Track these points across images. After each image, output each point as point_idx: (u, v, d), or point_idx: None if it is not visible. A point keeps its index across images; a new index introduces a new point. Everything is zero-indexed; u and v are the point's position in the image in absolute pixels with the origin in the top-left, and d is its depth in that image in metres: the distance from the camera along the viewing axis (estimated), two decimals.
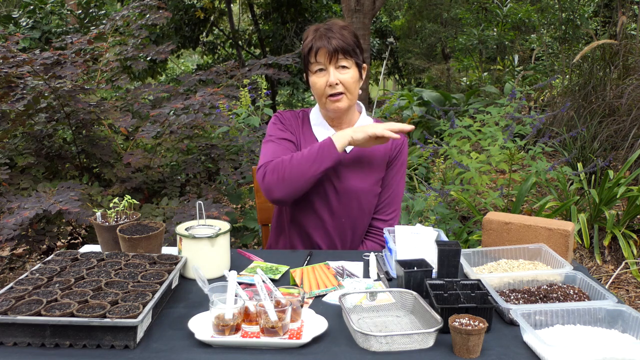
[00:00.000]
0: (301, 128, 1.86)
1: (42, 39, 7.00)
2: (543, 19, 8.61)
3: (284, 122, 1.87)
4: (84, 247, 1.76)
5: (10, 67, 2.67)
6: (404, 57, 13.65)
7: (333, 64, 1.70)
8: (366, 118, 1.89)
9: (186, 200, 2.78)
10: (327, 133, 1.82)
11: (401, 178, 1.91)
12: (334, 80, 1.69)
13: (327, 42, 1.68)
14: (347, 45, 1.69)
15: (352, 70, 1.72)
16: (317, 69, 1.72)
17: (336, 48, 1.67)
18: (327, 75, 1.70)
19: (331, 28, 1.71)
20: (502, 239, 1.66)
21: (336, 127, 1.84)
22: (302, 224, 1.84)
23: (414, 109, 7.10)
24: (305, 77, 1.82)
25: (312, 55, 1.70)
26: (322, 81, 1.72)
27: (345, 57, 1.70)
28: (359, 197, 1.81)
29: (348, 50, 1.70)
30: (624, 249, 3.25)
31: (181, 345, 1.15)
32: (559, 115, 5.14)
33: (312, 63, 1.72)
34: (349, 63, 1.71)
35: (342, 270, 1.56)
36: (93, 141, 3.02)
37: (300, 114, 1.90)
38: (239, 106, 3.55)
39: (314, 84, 1.74)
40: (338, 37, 1.68)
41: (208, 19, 10.38)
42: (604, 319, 1.19)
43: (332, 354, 1.11)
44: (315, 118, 1.87)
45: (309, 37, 1.73)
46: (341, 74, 1.71)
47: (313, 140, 1.83)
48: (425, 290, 1.31)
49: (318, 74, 1.72)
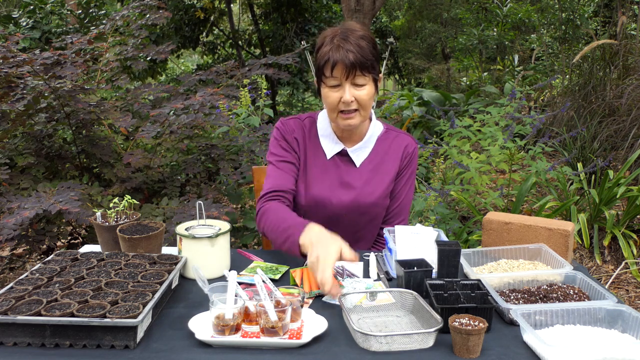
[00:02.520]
0: (307, 138, 1.78)
1: (42, 39, 7.00)
2: (543, 19, 8.61)
3: (287, 135, 1.78)
4: (84, 247, 1.76)
5: (10, 67, 2.67)
6: (404, 57, 13.64)
7: (349, 81, 1.59)
8: (376, 124, 1.81)
9: (186, 200, 2.78)
10: (335, 147, 1.76)
11: (410, 187, 1.85)
12: (349, 99, 1.60)
13: (345, 55, 1.56)
14: (365, 60, 1.58)
15: (369, 86, 1.63)
16: (331, 84, 1.62)
17: (354, 63, 1.56)
18: (342, 91, 1.60)
19: (348, 38, 1.59)
20: (502, 239, 1.66)
21: (345, 139, 1.77)
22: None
23: (414, 109, 7.10)
24: (317, 86, 1.71)
25: (328, 69, 1.59)
26: (336, 96, 1.62)
27: (362, 73, 1.59)
28: (367, 211, 1.77)
29: (366, 65, 1.58)
30: (624, 249, 3.25)
31: (181, 345, 1.15)
32: (559, 115, 5.14)
33: (328, 77, 1.61)
34: (365, 80, 1.61)
35: (342, 270, 1.56)
36: (93, 141, 3.02)
37: (306, 122, 1.81)
38: (239, 106, 3.55)
39: (327, 97, 1.64)
40: (356, 51, 1.57)
41: (208, 19, 10.38)
42: (604, 319, 1.19)
43: (332, 354, 1.11)
44: (323, 128, 1.78)
45: (326, 46, 1.61)
46: (357, 91, 1.61)
47: (320, 152, 1.77)
48: (425, 290, 1.31)
49: (332, 89, 1.63)
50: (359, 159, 1.77)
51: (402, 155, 1.80)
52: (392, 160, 1.79)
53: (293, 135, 1.79)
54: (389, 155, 1.80)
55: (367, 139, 1.78)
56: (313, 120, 1.82)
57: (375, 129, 1.80)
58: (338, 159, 1.77)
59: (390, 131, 1.84)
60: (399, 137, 1.83)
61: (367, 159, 1.78)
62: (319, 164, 1.77)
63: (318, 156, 1.77)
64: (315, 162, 1.77)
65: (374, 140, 1.79)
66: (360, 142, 1.77)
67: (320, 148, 1.78)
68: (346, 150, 1.76)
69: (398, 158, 1.80)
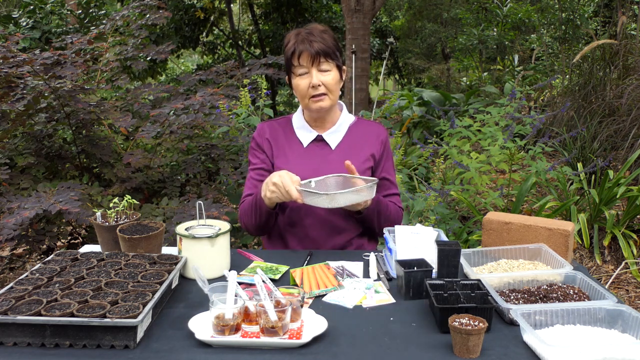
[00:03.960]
0: (283, 135, 1.92)
1: (42, 39, 7.01)
2: (543, 19, 8.61)
3: (260, 140, 1.92)
4: (84, 247, 1.76)
5: (10, 67, 2.67)
6: (404, 57, 13.66)
7: (315, 67, 1.76)
8: (347, 115, 1.95)
9: (186, 200, 2.78)
10: (310, 135, 1.89)
11: (392, 167, 1.98)
12: (316, 82, 1.76)
13: (309, 45, 1.75)
14: (328, 48, 1.76)
15: (333, 72, 1.80)
16: (300, 72, 1.78)
17: (318, 51, 1.74)
18: (310, 77, 1.77)
19: (312, 32, 1.78)
20: (502, 239, 1.66)
21: (319, 127, 1.90)
22: (296, 222, 1.85)
23: (414, 109, 7.10)
24: (288, 80, 1.88)
25: (295, 59, 1.77)
26: (305, 83, 1.78)
27: (326, 59, 1.77)
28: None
29: (329, 53, 1.77)
30: (624, 249, 3.25)
31: (181, 345, 1.15)
32: (559, 115, 5.14)
33: (296, 66, 1.78)
34: (330, 65, 1.78)
35: (342, 270, 1.56)
36: (93, 141, 3.02)
37: (282, 122, 1.96)
38: (239, 106, 3.55)
39: (297, 86, 1.80)
40: (319, 41, 1.76)
41: (208, 19, 10.39)
42: (603, 319, 1.19)
43: (332, 354, 1.11)
44: (297, 121, 1.93)
45: (291, 41, 1.79)
46: (323, 76, 1.78)
47: (296, 143, 1.90)
48: (425, 290, 1.31)
49: (301, 77, 1.79)
50: (334, 142, 1.89)
51: (376, 141, 1.93)
52: (366, 144, 1.91)
53: (265, 137, 1.93)
54: (363, 140, 1.92)
55: (339, 124, 1.91)
56: (288, 119, 1.97)
57: (346, 118, 1.94)
58: (314, 146, 1.90)
59: (362, 120, 1.98)
60: (370, 125, 1.97)
61: (341, 143, 1.90)
62: (296, 153, 1.89)
63: (295, 147, 1.90)
64: (292, 152, 1.89)
65: (346, 127, 1.93)
66: (333, 127, 1.90)
67: (297, 139, 1.91)
68: (321, 135, 1.89)
69: (372, 143, 1.92)
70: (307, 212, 1.82)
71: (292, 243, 1.86)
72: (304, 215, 1.83)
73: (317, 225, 1.83)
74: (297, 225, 1.84)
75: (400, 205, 1.96)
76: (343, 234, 1.86)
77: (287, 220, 1.86)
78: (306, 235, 1.84)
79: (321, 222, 1.83)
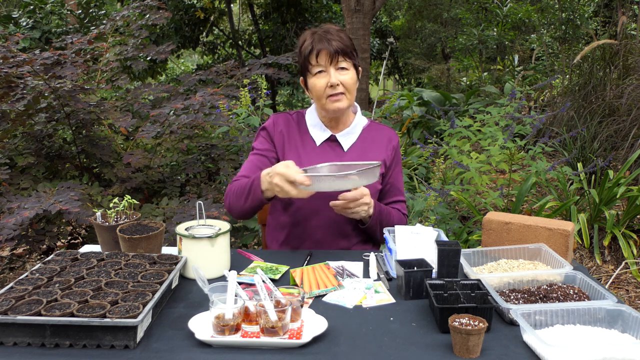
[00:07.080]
0: (297, 130, 1.88)
1: (42, 39, 7.00)
2: (543, 19, 8.61)
3: (272, 130, 1.88)
4: (84, 247, 1.76)
5: (10, 67, 2.67)
6: (404, 57, 13.65)
7: (333, 66, 1.73)
8: (361, 118, 1.92)
9: (186, 200, 2.78)
10: (324, 134, 1.86)
11: (400, 173, 1.97)
12: (335, 81, 1.73)
13: (328, 44, 1.72)
14: (346, 47, 1.74)
15: (351, 71, 1.77)
16: (317, 71, 1.75)
17: (337, 50, 1.72)
18: (328, 76, 1.73)
19: (329, 31, 1.76)
20: (502, 239, 1.66)
21: (333, 127, 1.87)
22: (301, 223, 1.84)
23: (414, 109, 7.10)
24: (303, 80, 1.83)
25: (313, 57, 1.73)
26: (322, 82, 1.74)
27: (345, 58, 1.74)
28: None
29: (347, 52, 1.74)
30: (624, 249, 3.25)
31: (181, 345, 1.15)
32: (559, 115, 5.14)
33: (313, 65, 1.74)
34: (348, 64, 1.76)
35: (342, 270, 1.56)
36: (93, 141, 3.02)
37: (294, 117, 1.92)
38: (239, 106, 3.54)
39: (314, 85, 1.76)
40: (337, 40, 1.73)
41: (208, 19, 10.39)
42: (603, 318, 1.19)
43: (332, 354, 1.11)
44: (311, 119, 1.89)
45: (307, 40, 1.76)
46: (341, 75, 1.74)
47: (309, 141, 1.86)
48: (425, 290, 1.31)
49: (318, 76, 1.75)
50: (347, 144, 1.87)
51: (388, 146, 1.91)
52: (377, 149, 1.90)
53: (278, 129, 1.88)
54: (375, 144, 1.90)
55: (353, 126, 1.88)
56: (301, 114, 1.93)
57: (360, 120, 1.92)
58: (327, 145, 1.87)
59: (374, 124, 1.96)
60: (383, 129, 1.95)
61: (354, 145, 1.87)
62: (309, 151, 1.86)
63: (308, 144, 1.87)
64: (305, 149, 1.85)
65: (360, 129, 1.91)
66: (347, 128, 1.88)
67: (310, 137, 1.88)
68: (334, 136, 1.87)
69: (383, 147, 1.90)
70: (313, 213, 1.80)
71: (295, 243, 1.86)
72: (309, 215, 1.81)
73: (322, 226, 1.81)
74: (302, 226, 1.83)
75: (404, 212, 1.94)
76: (347, 238, 1.85)
77: (292, 220, 1.84)
78: (310, 236, 1.82)
79: (327, 224, 1.81)
